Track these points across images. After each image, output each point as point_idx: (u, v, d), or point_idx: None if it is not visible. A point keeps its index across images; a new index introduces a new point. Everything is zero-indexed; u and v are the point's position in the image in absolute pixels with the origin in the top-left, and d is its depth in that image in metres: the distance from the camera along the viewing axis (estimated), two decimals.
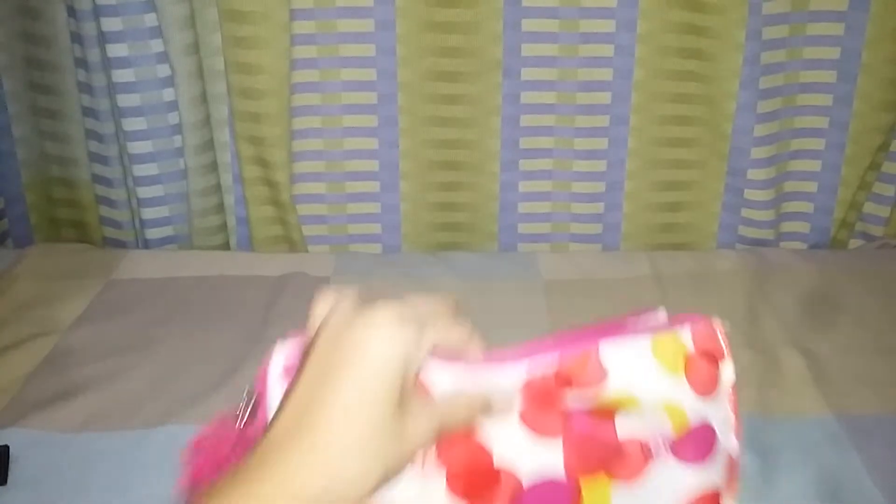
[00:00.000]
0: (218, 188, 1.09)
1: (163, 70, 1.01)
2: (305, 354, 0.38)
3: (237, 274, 0.99)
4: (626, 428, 0.48)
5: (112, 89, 1.02)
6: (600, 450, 0.47)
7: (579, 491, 0.47)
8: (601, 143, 1.07)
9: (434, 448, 0.42)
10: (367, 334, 0.35)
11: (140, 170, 1.05)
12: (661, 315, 0.56)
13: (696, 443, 0.49)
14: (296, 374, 0.38)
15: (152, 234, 1.09)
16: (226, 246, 1.13)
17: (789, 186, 1.10)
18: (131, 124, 1.03)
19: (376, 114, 1.05)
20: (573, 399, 0.46)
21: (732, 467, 0.49)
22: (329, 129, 1.06)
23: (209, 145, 1.07)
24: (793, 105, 1.05)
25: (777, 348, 0.83)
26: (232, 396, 0.77)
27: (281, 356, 0.47)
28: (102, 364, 0.81)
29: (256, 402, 0.48)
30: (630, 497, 0.48)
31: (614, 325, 0.53)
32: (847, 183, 1.09)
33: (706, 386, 0.50)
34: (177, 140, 1.05)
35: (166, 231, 1.10)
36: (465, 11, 0.99)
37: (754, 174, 1.06)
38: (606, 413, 0.47)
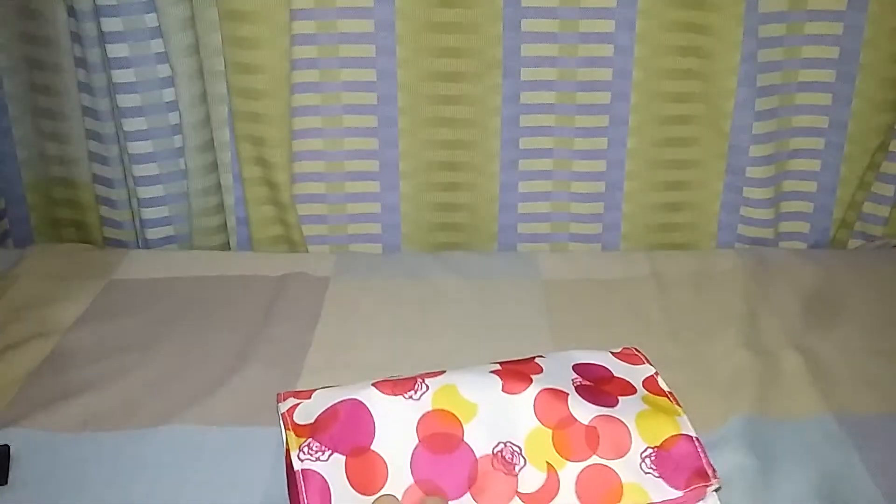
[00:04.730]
0: (218, 188, 1.10)
1: (163, 70, 1.02)
2: None
3: (237, 274, 0.99)
4: None
5: (112, 89, 1.02)
6: None
7: None
8: (601, 143, 1.07)
9: None
10: None
11: (140, 170, 1.05)
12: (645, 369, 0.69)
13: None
14: None
15: (152, 234, 1.09)
16: (226, 246, 1.13)
17: (788, 186, 1.10)
18: (131, 124, 1.03)
19: (376, 114, 1.05)
20: None
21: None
22: (329, 130, 1.06)
23: (209, 145, 1.07)
24: (791, 104, 1.06)
25: (776, 348, 0.83)
26: (232, 396, 0.77)
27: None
28: (103, 364, 0.81)
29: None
30: None
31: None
32: (846, 182, 1.09)
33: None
34: (177, 140, 1.05)
35: (167, 231, 1.10)
36: (465, 12, 0.99)
37: (753, 172, 1.06)
38: None
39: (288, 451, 0.62)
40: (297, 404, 0.66)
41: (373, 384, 0.66)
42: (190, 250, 1.11)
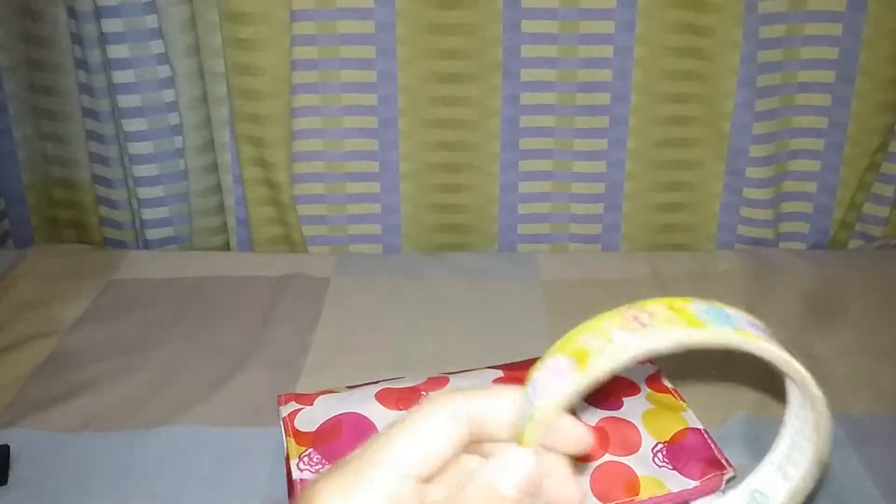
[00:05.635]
0: (218, 189, 1.10)
1: (163, 71, 1.02)
2: None
3: (237, 274, 0.99)
4: None
5: (112, 90, 1.02)
6: None
7: None
8: (601, 144, 1.07)
9: None
10: None
11: (140, 170, 1.05)
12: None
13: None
14: None
15: (153, 234, 1.09)
16: (226, 246, 1.13)
17: (788, 186, 1.10)
18: (132, 125, 1.03)
19: (376, 115, 1.05)
20: None
21: None
22: (329, 130, 1.06)
23: (209, 146, 1.07)
24: (791, 104, 1.06)
25: None
26: (232, 397, 0.77)
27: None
28: (103, 364, 0.81)
29: None
30: None
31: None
32: (846, 183, 1.09)
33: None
34: (177, 141, 1.06)
35: (167, 231, 1.10)
36: (466, 13, 0.99)
37: (753, 172, 1.06)
38: None
39: (288, 457, 0.62)
40: (299, 409, 0.66)
41: (376, 394, 0.66)
42: (190, 251, 1.11)
